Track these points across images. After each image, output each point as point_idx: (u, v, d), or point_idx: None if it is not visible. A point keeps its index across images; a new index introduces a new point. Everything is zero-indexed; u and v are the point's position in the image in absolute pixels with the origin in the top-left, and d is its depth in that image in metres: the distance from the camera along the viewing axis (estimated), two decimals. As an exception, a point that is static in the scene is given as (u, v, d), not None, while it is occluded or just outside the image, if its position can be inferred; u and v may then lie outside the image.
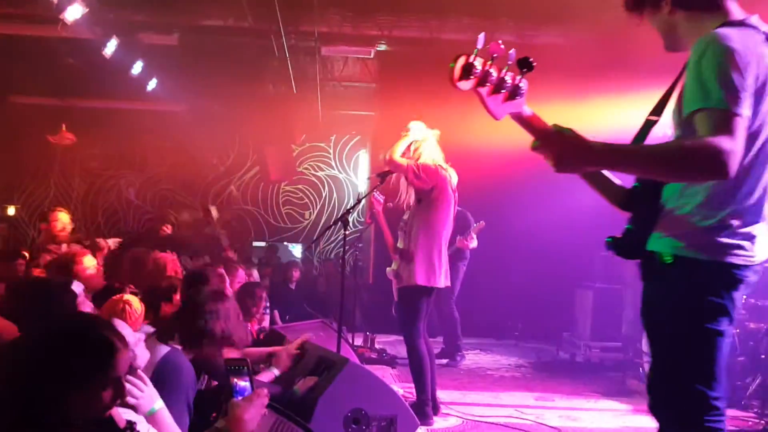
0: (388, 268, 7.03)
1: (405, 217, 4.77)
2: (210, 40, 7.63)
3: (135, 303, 3.47)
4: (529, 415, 4.86)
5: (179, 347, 2.74)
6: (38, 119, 10.11)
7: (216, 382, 2.88)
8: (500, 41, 1.79)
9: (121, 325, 2.61)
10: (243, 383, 2.09)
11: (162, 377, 2.48)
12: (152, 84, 8.27)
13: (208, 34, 7.45)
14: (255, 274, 7.03)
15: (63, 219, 5.82)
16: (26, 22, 6.58)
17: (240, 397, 2.07)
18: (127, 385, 1.78)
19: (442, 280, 4.57)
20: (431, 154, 4.60)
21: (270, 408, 2.40)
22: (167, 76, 8.43)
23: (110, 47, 6.61)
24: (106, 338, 1.66)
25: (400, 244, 4.72)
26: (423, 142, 4.64)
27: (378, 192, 4.98)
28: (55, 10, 5.46)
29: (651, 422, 4.75)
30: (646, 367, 5.71)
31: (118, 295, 3.55)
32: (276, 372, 3.74)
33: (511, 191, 7.79)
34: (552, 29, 7.27)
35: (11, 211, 11.02)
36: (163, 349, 2.71)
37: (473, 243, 6.72)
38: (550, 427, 4.61)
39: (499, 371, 6.72)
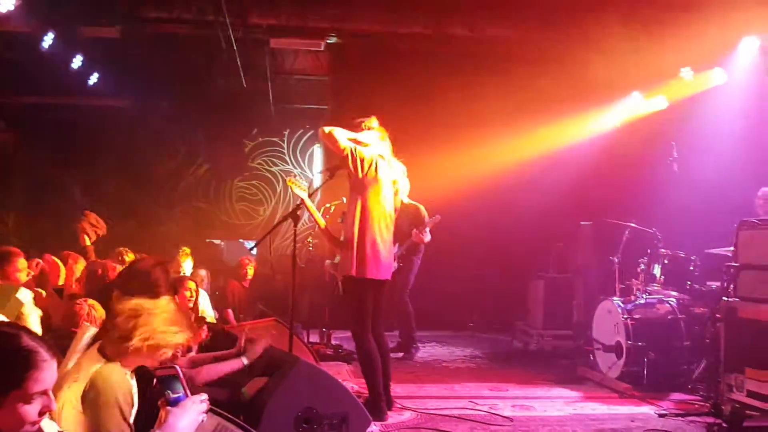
0: (327, 261, 6.97)
1: (345, 209, 4.73)
2: (154, 33, 7.41)
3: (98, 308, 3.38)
4: (482, 406, 4.88)
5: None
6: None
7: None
8: None
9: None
10: (176, 394, 2.01)
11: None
12: (93, 78, 7.99)
13: (152, 27, 7.22)
14: (202, 273, 6.92)
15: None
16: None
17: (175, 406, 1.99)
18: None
19: (381, 272, 4.50)
20: (375, 146, 4.56)
21: (211, 412, 2.33)
22: (109, 70, 8.15)
23: (47, 40, 6.35)
24: (25, 350, 1.57)
25: (341, 237, 4.66)
26: (367, 131, 4.61)
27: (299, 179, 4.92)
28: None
29: (600, 408, 4.87)
30: (596, 354, 5.84)
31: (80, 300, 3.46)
32: (245, 361, 3.64)
33: (465, 184, 7.81)
34: (502, 21, 7.30)
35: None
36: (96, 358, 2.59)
37: (427, 237, 6.71)
38: (503, 416, 4.63)
39: (455, 363, 6.75)
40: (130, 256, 5.49)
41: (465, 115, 7.93)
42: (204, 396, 2.09)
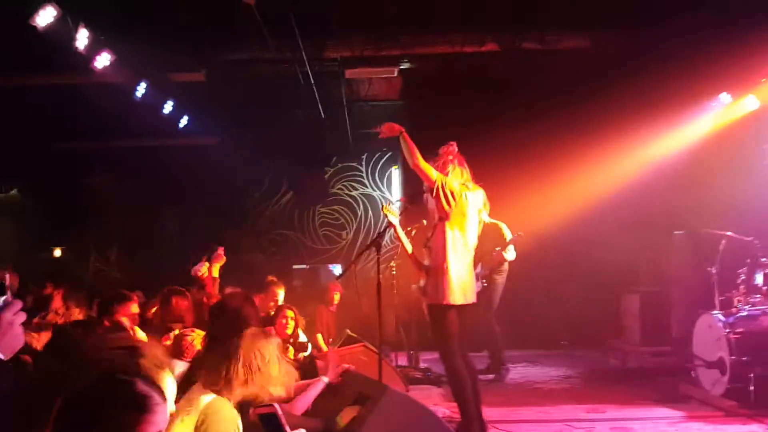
0: (413, 286, 7.03)
1: (429, 234, 4.78)
2: (236, 73, 7.78)
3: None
4: (579, 430, 4.76)
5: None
6: (79, 162, 10.48)
7: None
8: None
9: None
10: None
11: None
12: (184, 121, 8.47)
13: (234, 67, 7.59)
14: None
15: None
16: (59, 72, 6.83)
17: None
18: None
19: (468, 297, 4.55)
20: (458, 174, 4.63)
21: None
22: (197, 111, 8.62)
23: (140, 89, 6.80)
24: (140, 396, 1.69)
25: (426, 262, 4.72)
26: (452, 162, 4.67)
27: (392, 206, 5.00)
28: (85, 59, 5.65)
29: (705, 428, 4.63)
30: (698, 371, 5.56)
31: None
32: (325, 380, 3.75)
33: (548, 200, 7.69)
34: (576, 33, 7.17)
35: (58, 252, 11.40)
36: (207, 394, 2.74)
37: (510, 255, 6.63)
38: (602, 440, 4.50)
39: (548, 384, 6.60)
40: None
41: (544, 131, 7.83)
42: (302, 431, 2.17)
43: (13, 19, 5.06)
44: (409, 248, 4.97)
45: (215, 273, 5.75)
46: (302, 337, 5.43)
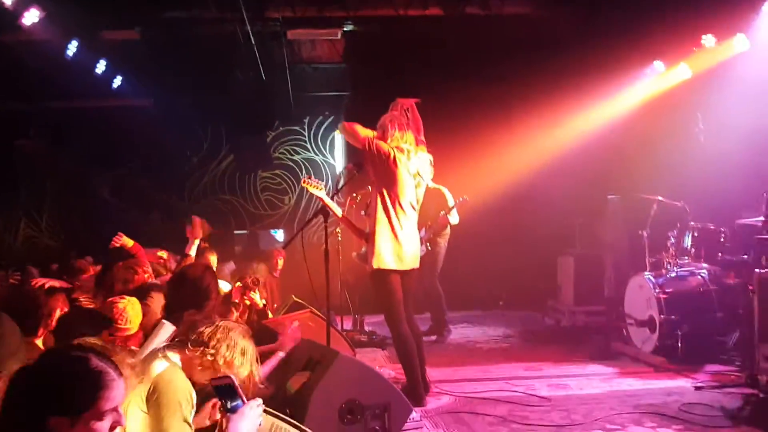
0: (354, 253, 7.08)
1: (368, 200, 4.79)
2: (173, 32, 7.49)
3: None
4: (519, 387, 4.97)
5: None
6: (8, 125, 9.92)
7: None
8: None
9: None
10: (233, 402, 2.11)
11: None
12: (117, 81, 8.12)
13: (171, 26, 7.30)
14: (229, 266, 7.02)
15: None
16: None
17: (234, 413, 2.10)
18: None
19: (408, 262, 4.57)
20: (401, 138, 4.60)
21: (264, 413, 2.43)
22: (131, 72, 8.27)
23: (71, 48, 6.46)
24: (95, 372, 1.67)
25: (366, 229, 4.74)
26: (393, 126, 4.64)
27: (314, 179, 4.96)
28: (12, 16, 5.32)
29: (636, 383, 4.92)
30: (630, 329, 5.87)
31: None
32: (281, 355, 3.77)
33: (488, 164, 7.82)
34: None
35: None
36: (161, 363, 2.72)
37: (454, 219, 6.75)
38: (540, 397, 4.71)
39: (488, 344, 6.83)
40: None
41: (484, 97, 7.92)
42: (259, 401, 2.20)
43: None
44: (338, 212, 4.92)
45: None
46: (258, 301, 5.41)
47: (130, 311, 3.63)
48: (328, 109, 11.31)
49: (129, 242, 5.26)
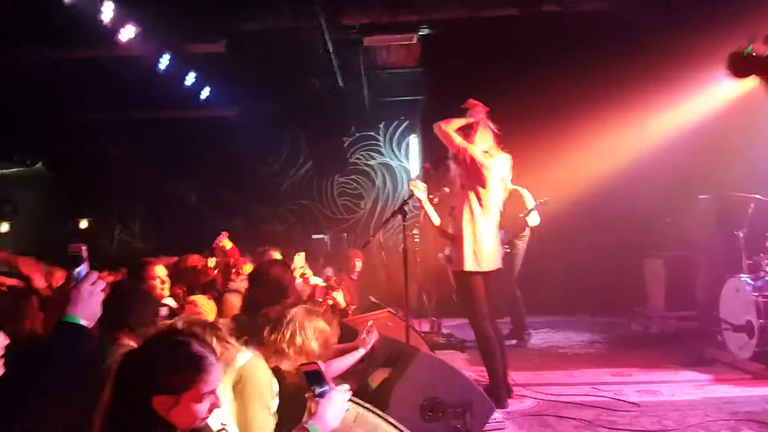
0: (439, 254, 7.08)
1: (453, 202, 4.80)
2: (254, 43, 7.75)
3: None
4: (606, 392, 4.80)
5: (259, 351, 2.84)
6: (103, 135, 10.58)
7: None
8: None
9: None
10: (321, 388, 2.16)
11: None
12: (205, 92, 8.50)
13: (252, 37, 7.55)
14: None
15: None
16: (83, 46, 6.85)
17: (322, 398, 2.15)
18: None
19: (492, 263, 4.60)
20: (483, 140, 4.62)
21: (350, 402, 2.47)
22: (217, 82, 8.63)
23: (163, 61, 6.81)
24: (197, 356, 1.75)
25: (450, 230, 4.75)
26: (479, 125, 4.66)
27: (419, 182, 5.02)
28: (109, 33, 5.66)
29: (733, 390, 4.65)
30: (725, 335, 5.56)
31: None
32: (362, 352, 3.82)
33: (571, 165, 7.63)
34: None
35: (84, 224, 11.58)
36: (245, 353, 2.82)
37: (534, 221, 6.62)
38: (630, 402, 4.54)
39: (572, 349, 6.64)
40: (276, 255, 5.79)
41: (566, 95, 7.73)
42: (347, 386, 2.24)
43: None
44: (436, 221, 4.95)
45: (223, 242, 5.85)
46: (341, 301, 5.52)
47: (206, 309, 3.80)
48: (403, 113, 11.38)
49: (228, 244, 5.49)
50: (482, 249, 4.55)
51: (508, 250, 6.52)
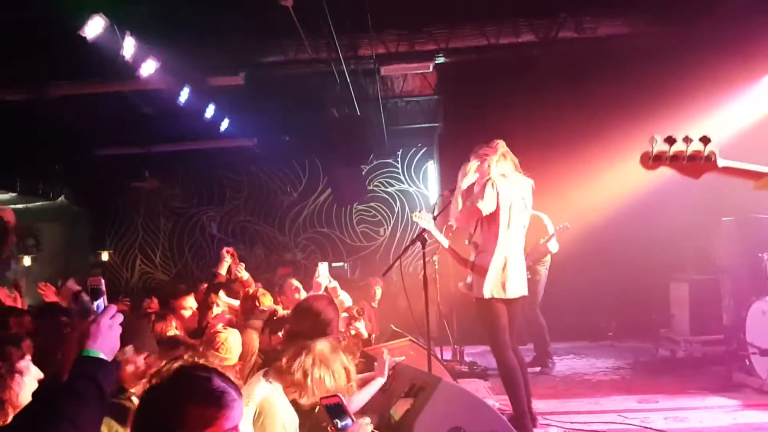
0: (460, 283, 7.04)
1: (472, 229, 4.77)
2: (272, 75, 7.89)
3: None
4: (633, 420, 4.71)
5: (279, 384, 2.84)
6: (122, 167, 10.78)
7: None
8: None
9: None
10: (343, 422, 2.15)
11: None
12: (225, 124, 8.63)
13: (271, 69, 7.69)
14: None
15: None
16: (106, 81, 7.03)
17: (344, 432, 2.14)
18: None
19: (515, 290, 4.53)
20: (500, 168, 4.58)
21: (374, 434, 2.47)
22: (235, 114, 8.77)
23: (183, 95, 6.95)
24: (218, 392, 1.75)
25: (471, 257, 4.71)
26: (487, 158, 4.61)
27: (423, 212, 4.99)
28: (132, 68, 5.80)
29: (763, 416, 4.53)
30: (753, 359, 5.44)
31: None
32: (381, 381, 3.80)
33: (591, 190, 7.59)
34: (613, 19, 7.07)
35: (105, 256, 11.72)
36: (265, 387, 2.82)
37: (554, 247, 6.58)
38: (657, 430, 4.44)
39: (596, 375, 6.53)
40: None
41: (582, 121, 7.73)
42: (368, 419, 2.23)
43: (62, 31, 5.22)
44: (445, 244, 4.92)
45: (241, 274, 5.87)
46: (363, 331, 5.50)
47: (231, 342, 3.79)
48: (421, 140, 11.46)
49: (245, 275, 5.53)
50: (505, 276, 4.48)
51: (529, 276, 6.47)
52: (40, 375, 2.15)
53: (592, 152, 7.43)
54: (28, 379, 2.17)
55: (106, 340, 1.95)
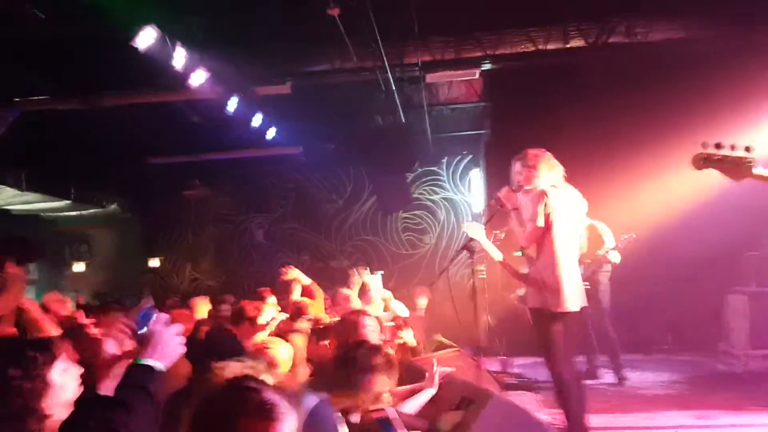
0: (512, 294, 6.90)
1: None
2: (319, 84, 7.93)
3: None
4: (691, 437, 4.52)
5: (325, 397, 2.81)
6: (173, 176, 11.02)
7: None
8: None
9: None
10: None
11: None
12: (271, 132, 8.72)
13: (317, 78, 7.73)
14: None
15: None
16: (156, 90, 7.19)
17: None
18: None
19: (571, 303, 4.38)
20: (548, 177, 4.46)
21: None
22: (283, 122, 8.86)
23: (232, 104, 7.04)
24: (268, 404, 1.73)
25: (525, 269, 4.60)
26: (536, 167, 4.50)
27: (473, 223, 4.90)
28: (181, 78, 5.91)
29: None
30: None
31: None
32: (431, 392, 3.76)
33: (644, 195, 7.37)
34: (667, 23, 6.85)
35: (156, 263, 11.98)
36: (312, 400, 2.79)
37: (615, 258, 6.39)
38: (718, 449, 4.25)
39: (651, 389, 6.32)
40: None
41: (634, 127, 7.53)
42: (423, 432, 2.19)
43: (114, 42, 5.35)
44: (499, 257, 4.81)
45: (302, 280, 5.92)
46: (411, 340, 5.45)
47: (281, 354, 3.77)
48: (466, 148, 11.36)
49: (300, 278, 5.57)
50: (561, 288, 4.33)
51: (589, 286, 6.28)
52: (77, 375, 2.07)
53: (642, 161, 7.22)
54: (63, 383, 2.09)
55: (164, 349, 1.95)
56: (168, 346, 2.00)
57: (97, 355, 2.85)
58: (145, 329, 2.04)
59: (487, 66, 7.81)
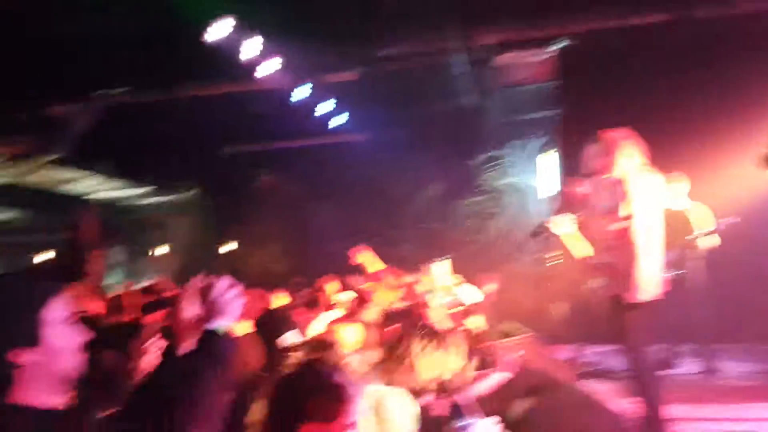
0: (590, 282, 6.70)
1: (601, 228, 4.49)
2: (386, 69, 7.92)
3: None
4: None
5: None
6: (245, 164, 11.33)
7: None
8: None
9: None
10: (462, 422, 2.11)
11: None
12: (340, 119, 8.78)
13: (385, 63, 7.71)
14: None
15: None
16: (231, 80, 7.38)
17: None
18: None
19: (650, 291, 4.22)
20: (629, 160, 4.29)
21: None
22: (350, 108, 8.92)
23: (302, 92, 7.14)
24: (341, 386, 1.77)
25: (603, 256, 4.45)
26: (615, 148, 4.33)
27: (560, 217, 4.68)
28: (255, 67, 6.04)
29: None
30: None
31: None
32: (501, 378, 3.73)
33: (729, 176, 6.98)
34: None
35: (229, 248, 12.38)
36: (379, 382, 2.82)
37: (710, 241, 6.10)
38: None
39: (731, 380, 6.04)
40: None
41: (723, 107, 7.10)
42: (496, 418, 2.17)
43: (190, 34, 5.52)
44: (587, 251, 4.56)
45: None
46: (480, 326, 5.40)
47: (347, 338, 3.81)
48: (534, 130, 11.06)
49: (371, 261, 5.60)
50: (641, 276, 4.18)
51: (676, 273, 6.01)
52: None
53: (732, 140, 6.80)
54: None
55: (226, 312, 1.93)
56: (230, 309, 1.98)
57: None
58: None
59: (558, 45, 7.58)
